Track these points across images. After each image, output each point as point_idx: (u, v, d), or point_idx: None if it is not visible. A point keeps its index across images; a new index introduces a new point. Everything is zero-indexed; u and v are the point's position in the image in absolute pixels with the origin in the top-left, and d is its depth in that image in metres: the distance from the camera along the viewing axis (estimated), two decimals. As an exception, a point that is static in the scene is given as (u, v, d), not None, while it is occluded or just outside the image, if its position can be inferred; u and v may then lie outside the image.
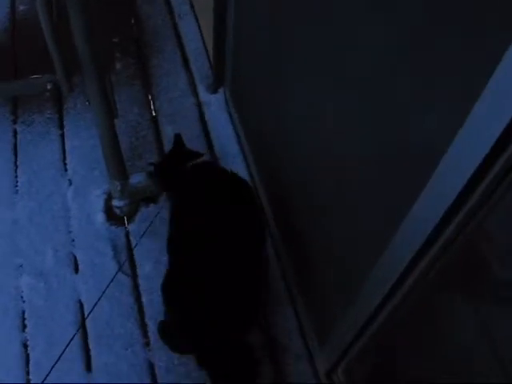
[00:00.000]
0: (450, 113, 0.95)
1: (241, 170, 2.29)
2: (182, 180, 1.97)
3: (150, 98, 2.66)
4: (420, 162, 1.09)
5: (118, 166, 2.22)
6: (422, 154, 1.08)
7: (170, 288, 1.73)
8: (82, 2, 1.72)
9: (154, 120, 2.58)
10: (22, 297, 2.13)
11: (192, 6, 2.98)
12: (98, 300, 1.86)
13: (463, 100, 0.89)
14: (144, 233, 2.11)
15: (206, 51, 2.77)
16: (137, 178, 2.30)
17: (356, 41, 1.26)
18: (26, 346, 2.03)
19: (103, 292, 1.86)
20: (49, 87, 1.89)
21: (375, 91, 1.22)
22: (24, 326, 2.07)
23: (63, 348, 2.00)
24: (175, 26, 2.93)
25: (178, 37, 2.88)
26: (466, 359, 1.26)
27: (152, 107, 2.63)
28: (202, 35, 2.84)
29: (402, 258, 1.25)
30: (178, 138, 2.08)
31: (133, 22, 2.95)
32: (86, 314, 2.08)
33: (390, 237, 1.26)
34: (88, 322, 2.06)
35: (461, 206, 1.02)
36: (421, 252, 1.19)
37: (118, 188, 2.24)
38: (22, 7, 2.99)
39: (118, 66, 2.75)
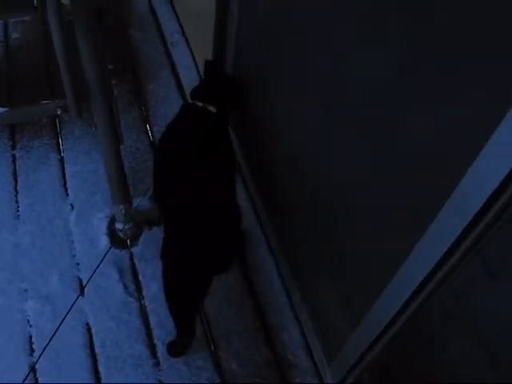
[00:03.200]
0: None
1: (240, 195, 2.35)
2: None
3: (147, 124, 2.72)
4: (435, 184, 1.19)
5: (123, 190, 2.27)
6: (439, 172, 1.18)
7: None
8: (90, 29, 1.79)
9: (153, 145, 2.64)
10: (28, 321, 2.14)
11: (183, 35, 3.07)
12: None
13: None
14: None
15: (200, 78, 2.85)
16: (139, 202, 2.34)
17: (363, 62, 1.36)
18: (34, 370, 2.04)
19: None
20: (59, 112, 1.95)
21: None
22: (32, 350, 2.08)
23: (72, 370, 2.04)
24: (168, 54, 3.01)
25: (172, 64, 2.96)
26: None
27: (150, 133, 2.69)
28: (195, 62, 2.92)
29: (412, 282, 1.33)
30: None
31: (126, 49, 3.02)
32: (93, 336, 2.11)
33: (400, 260, 1.34)
34: (97, 345, 2.09)
35: (466, 235, 1.11)
36: (431, 275, 1.28)
37: (122, 211, 2.29)
38: (15, 35, 3.03)
39: (114, 92, 2.80)
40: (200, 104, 2.01)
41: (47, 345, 1.99)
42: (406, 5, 1.14)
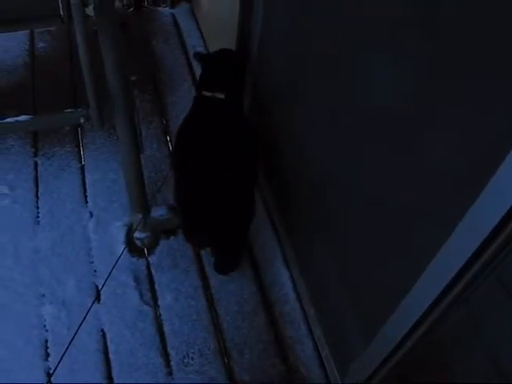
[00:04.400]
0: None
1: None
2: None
3: (167, 135, 2.76)
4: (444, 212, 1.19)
5: (141, 199, 2.29)
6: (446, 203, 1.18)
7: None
8: (114, 40, 1.82)
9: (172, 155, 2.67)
10: (44, 326, 2.16)
11: (206, 48, 3.12)
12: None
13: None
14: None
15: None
16: (158, 211, 2.37)
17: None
18: (49, 375, 2.06)
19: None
20: (81, 121, 1.98)
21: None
22: (47, 355, 2.10)
23: (85, 374, 2.06)
24: (190, 66, 3.05)
25: (193, 76, 3.00)
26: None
27: (169, 143, 2.72)
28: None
29: (425, 299, 1.33)
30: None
31: (149, 60, 3.07)
32: (108, 342, 2.12)
33: (414, 278, 1.34)
34: (111, 352, 2.11)
35: (479, 254, 1.11)
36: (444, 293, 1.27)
37: (140, 220, 2.31)
38: (41, 44, 3.10)
39: (136, 102, 2.84)
40: (208, 94, 2.09)
41: (64, 353, 2.02)
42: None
